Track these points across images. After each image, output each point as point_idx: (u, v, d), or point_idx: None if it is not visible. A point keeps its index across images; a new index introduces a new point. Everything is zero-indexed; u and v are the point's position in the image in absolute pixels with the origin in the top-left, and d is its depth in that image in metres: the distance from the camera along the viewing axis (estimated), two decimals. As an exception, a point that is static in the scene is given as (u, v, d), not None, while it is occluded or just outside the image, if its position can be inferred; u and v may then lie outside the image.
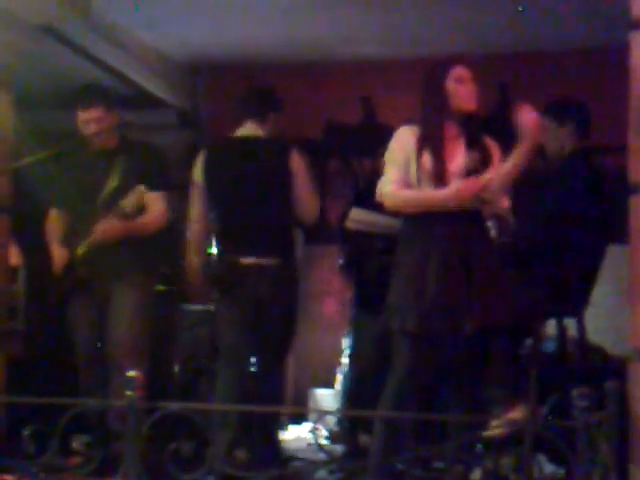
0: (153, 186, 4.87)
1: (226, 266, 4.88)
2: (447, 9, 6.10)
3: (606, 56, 5.95)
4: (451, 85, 4.21)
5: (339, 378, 6.68)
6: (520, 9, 5.75)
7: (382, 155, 4.37)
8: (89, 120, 4.93)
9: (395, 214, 4.40)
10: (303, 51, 6.94)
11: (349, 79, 7.14)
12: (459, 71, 4.23)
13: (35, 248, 5.20)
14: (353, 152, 5.88)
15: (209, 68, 7.41)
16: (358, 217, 5.29)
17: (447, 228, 4.15)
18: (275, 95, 5.18)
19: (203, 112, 7.55)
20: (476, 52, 6.47)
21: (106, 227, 4.82)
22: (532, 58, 6.75)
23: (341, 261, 5.75)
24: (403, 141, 4.23)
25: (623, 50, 3.88)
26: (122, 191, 4.83)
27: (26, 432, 3.74)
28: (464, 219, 4.16)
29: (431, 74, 4.28)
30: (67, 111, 5.00)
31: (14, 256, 5.47)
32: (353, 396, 5.64)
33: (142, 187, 4.78)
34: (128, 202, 4.76)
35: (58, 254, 4.96)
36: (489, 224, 4.66)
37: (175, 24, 6.43)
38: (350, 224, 5.33)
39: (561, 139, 4.78)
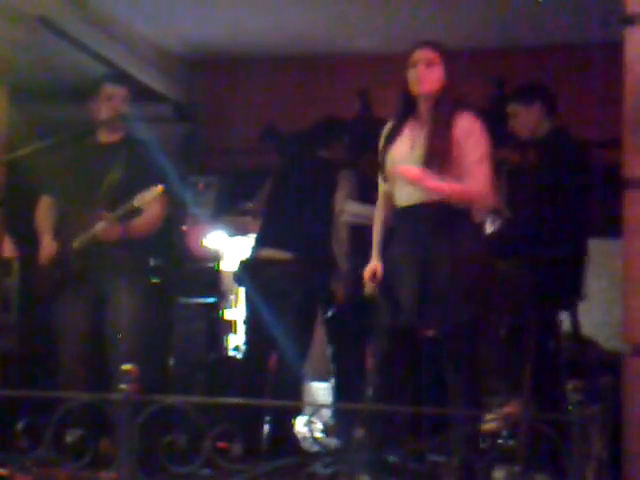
0: (153, 185, 4.78)
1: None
2: (445, 3, 6.09)
3: (602, 51, 5.95)
4: (407, 71, 4.20)
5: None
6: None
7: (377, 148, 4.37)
8: (116, 95, 4.88)
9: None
10: (301, 45, 6.93)
11: (346, 73, 7.12)
12: (415, 55, 4.18)
13: (30, 240, 5.16)
14: (348, 146, 5.86)
15: (206, 61, 7.40)
16: (354, 210, 5.29)
17: (409, 226, 4.15)
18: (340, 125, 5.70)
19: (200, 105, 7.54)
20: (474, 47, 6.47)
21: (108, 228, 4.72)
22: (530, 53, 6.74)
23: None
24: None
25: (618, 46, 3.89)
26: (122, 186, 4.79)
27: (19, 426, 3.72)
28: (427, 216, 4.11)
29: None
30: (74, 102, 4.96)
31: (8, 248, 5.44)
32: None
33: (159, 187, 4.69)
34: (142, 199, 4.65)
35: (48, 244, 4.87)
36: (487, 219, 4.66)
37: (172, 17, 6.42)
38: (346, 217, 5.33)
39: (532, 120, 4.90)
